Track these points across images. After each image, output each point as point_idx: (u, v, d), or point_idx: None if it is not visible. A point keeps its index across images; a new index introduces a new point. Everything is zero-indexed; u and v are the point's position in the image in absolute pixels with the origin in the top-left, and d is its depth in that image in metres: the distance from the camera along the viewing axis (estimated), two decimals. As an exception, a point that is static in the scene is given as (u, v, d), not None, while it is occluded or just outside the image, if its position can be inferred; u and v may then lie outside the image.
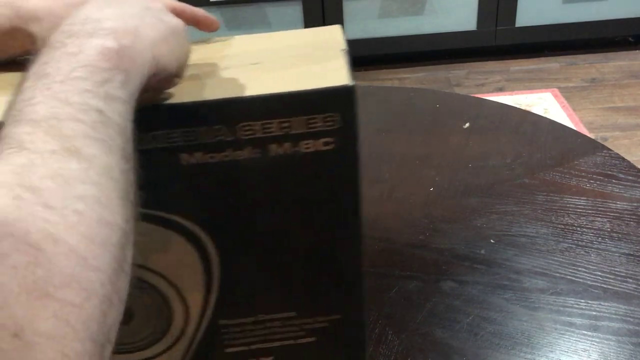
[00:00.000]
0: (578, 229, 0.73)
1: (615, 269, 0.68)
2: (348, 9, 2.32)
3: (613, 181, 0.80)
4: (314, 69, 0.45)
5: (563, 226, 0.74)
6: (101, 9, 0.37)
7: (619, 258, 0.69)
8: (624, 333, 0.60)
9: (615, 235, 0.72)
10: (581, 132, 0.98)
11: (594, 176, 0.82)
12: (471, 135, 0.92)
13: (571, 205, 0.77)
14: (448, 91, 2.15)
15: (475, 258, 0.70)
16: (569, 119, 2.08)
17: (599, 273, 0.67)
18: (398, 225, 0.77)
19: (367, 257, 0.53)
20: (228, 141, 0.43)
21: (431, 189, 0.82)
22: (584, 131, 1.98)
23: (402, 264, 0.69)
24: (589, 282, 0.66)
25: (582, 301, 0.64)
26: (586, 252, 0.70)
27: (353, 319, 0.53)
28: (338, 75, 0.43)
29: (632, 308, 0.63)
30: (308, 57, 0.47)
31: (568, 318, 0.62)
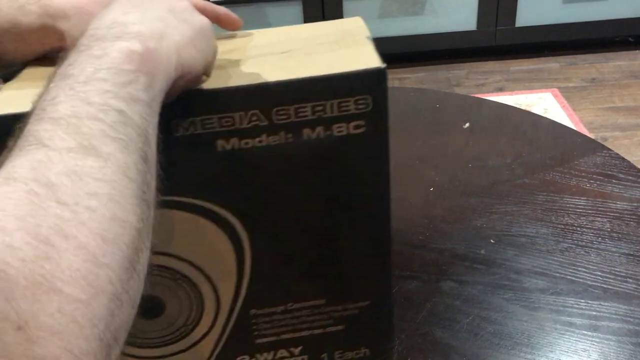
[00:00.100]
0: (578, 229, 0.73)
1: (615, 269, 0.68)
2: (348, 9, 2.32)
3: (613, 181, 0.80)
4: (344, 54, 0.46)
5: (563, 226, 0.74)
6: (127, 13, 0.37)
7: (619, 258, 0.69)
8: (624, 333, 0.60)
9: (615, 235, 0.72)
10: (581, 132, 0.98)
11: (594, 176, 0.82)
12: (471, 135, 0.92)
13: (571, 205, 0.77)
14: (448, 91, 2.15)
15: (475, 258, 0.70)
16: (569, 119, 2.08)
17: (599, 273, 0.67)
18: (398, 225, 0.76)
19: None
20: (263, 126, 0.44)
21: (431, 189, 0.82)
22: (584, 131, 1.98)
23: (402, 264, 0.69)
24: (589, 282, 0.66)
25: (582, 301, 0.64)
26: (586, 252, 0.70)
27: (382, 305, 0.54)
28: (369, 58, 0.45)
29: (632, 308, 0.63)
30: (336, 44, 0.48)
31: (568, 318, 0.62)
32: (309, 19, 2.32)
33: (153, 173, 0.34)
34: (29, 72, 0.47)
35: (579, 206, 0.77)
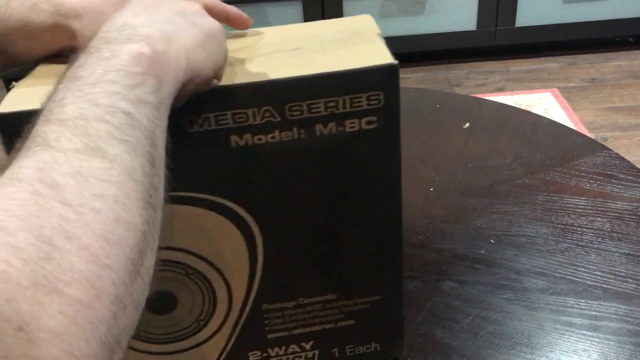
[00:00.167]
0: (578, 229, 0.73)
1: (615, 269, 0.68)
2: (348, 9, 2.33)
3: (613, 181, 0.80)
4: (356, 51, 0.46)
5: (563, 226, 0.74)
6: (137, 15, 0.37)
7: (619, 258, 0.69)
8: (624, 333, 0.60)
9: (615, 235, 0.72)
10: (581, 132, 0.98)
11: (594, 176, 0.82)
12: (471, 135, 0.92)
13: (571, 205, 0.77)
14: (448, 91, 2.15)
15: (475, 258, 0.70)
16: (569, 119, 2.08)
17: (599, 273, 0.67)
18: (398, 225, 0.76)
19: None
20: (276, 122, 0.44)
21: (431, 189, 0.82)
22: (584, 131, 1.98)
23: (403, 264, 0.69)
24: (589, 282, 0.66)
25: (582, 301, 0.64)
26: (586, 252, 0.70)
27: (392, 300, 0.54)
28: (381, 55, 0.45)
29: (632, 308, 0.63)
30: (346, 41, 0.48)
31: (568, 318, 0.62)
32: (309, 19, 2.32)
33: (160, 176, 0.34)
34: (42, 70, 0.47)
35: (579, 206, 0.77)
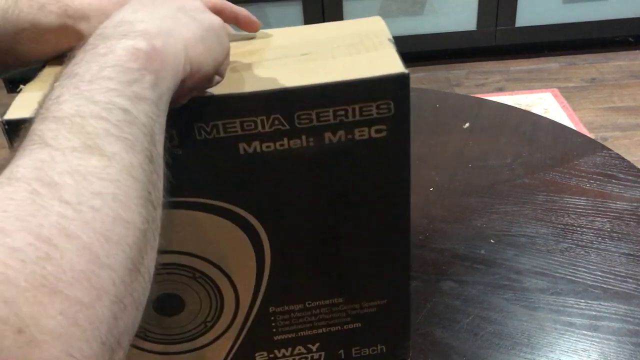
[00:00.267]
0: (578, 229, 0.73)
1: (615, 269, 0.68)
2: (348, 9, 2.32)
3: (613, 181, 0.80)
4: (366, 58, 0.46)
5: (563, 226, 0.74)
6: (136, 12, 0.37)
7: (619, 258, 0.69)
8: (624, 333, 0.60)
9: (615, 235, 0.72)
10: (581, 132, 0.98)
11: (594, 176, 0.82)
12: (471, 135, 0.92)
13: (571, 205, 0.77)
14: (448, 91, 2.15)
15: (475, 258, 0.70)
16: (569, 119, 2.08)
17: (599, 273, 0.67)
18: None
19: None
20: (284, 130, 0.44)
21: (431, 189, 0.82)
22: (584, 131, 1.98)
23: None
24: (589, 282, 0.66)
25: (582, 301, 0.64)
26: (586, 252, 0.70)
27: (399, 304, 0.54)
28: (392, 63, 0.45)
29: (632, 308, 0.63)
30: (357, 47, 0.48)
31: (568, 318, 0.62)
32: (309, 19, 2.32)
33: (159, 173, 0.33)
34: (49, 72, 0.46)
35: (579, 206, 0.77)
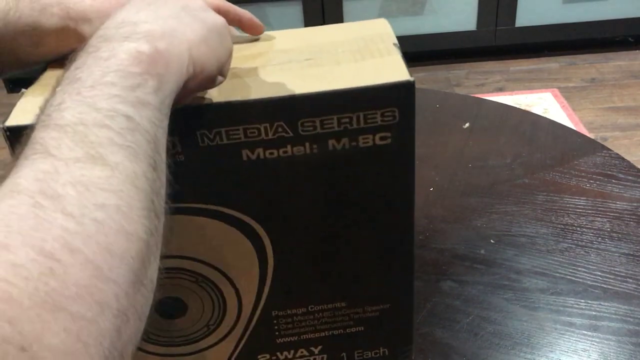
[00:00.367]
0: (578, 229, 0.73)
1: (615, 269, 0.68)
2: (348, 9, 2.32)
3: (613, 181, 0.80)
4: (371, 64, 0.45)
5: (563, 226, 0.74)
6: (138, 12, 0.36)
7: (619, 258, 0.69)
8: (624, 333, 0.60)
9: (615, 235, 0.72)
10: (581, 132, 0.98)
11: (594, 176, 0.82)
12: (471, 135, 0.92)
13: (571, 205, 0.77)
14: (448, 91, 2.15)
15: (475, 258, 0.70)
16: (569, 119, 2.08)
17: (599, 273, 0.67)
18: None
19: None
20: (288, 137, 0.44)
21: (431, 189, 0.82)
22: (584, 131, 1.98)
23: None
24: (589, 282, 0.66)
25: (582, 301, 0.64)
26: (586, 252, 0.70)
27: (402, 308, 0.54)
28: (397, 70, 0.44)
29: (632, 308, 0.63)
30: (362, 52, 0.47)
31: (568, 318, 0.62)
32: (309, 19, 2.32)
33: (163, 180, 0.33)
34: (50, 75, 0.46)
35: (579, 206, 0.77)
